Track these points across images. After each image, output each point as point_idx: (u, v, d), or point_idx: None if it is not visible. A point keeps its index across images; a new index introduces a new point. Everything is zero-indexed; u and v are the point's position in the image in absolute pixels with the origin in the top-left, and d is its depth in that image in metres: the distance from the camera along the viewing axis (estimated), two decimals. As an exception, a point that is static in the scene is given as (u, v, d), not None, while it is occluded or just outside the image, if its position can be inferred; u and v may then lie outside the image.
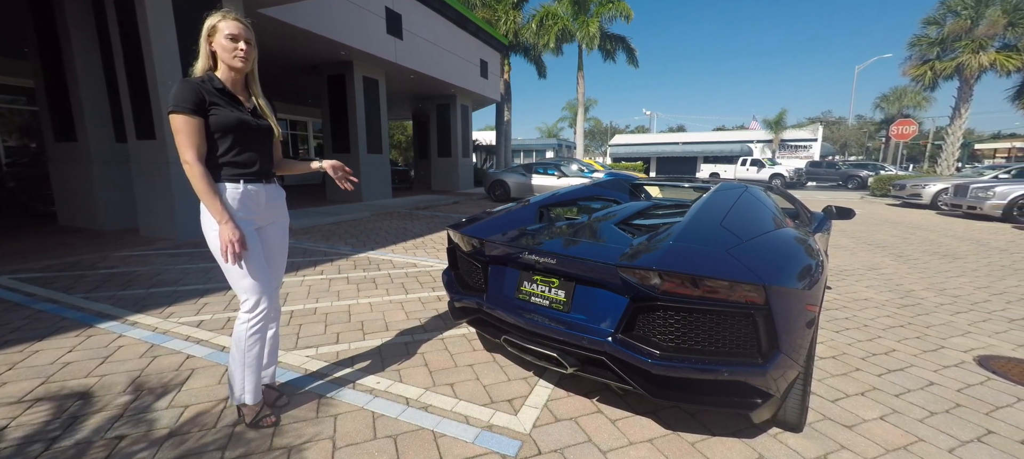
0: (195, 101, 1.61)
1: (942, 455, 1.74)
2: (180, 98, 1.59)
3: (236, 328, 1.77)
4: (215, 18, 1.68)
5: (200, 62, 1.69)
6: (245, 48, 1.69)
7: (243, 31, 1.69)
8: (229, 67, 1.70)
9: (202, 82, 1.65)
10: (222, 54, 1.68)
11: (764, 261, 1.61)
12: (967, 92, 17.61)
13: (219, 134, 1.68)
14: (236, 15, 1.68)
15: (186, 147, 1.61)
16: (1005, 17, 16.11)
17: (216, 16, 1.68)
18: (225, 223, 1.66)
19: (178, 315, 3.07)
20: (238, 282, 1.74)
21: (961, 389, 2.28)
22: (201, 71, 1.69)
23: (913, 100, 35.04)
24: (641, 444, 1.78)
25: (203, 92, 1.63)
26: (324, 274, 4.23)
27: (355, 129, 10.77)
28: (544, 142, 38.85)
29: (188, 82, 1.63)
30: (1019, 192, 9.63)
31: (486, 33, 15.34)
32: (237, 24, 1.67)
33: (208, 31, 1.67)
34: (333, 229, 6.81)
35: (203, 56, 1.69)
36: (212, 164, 1.68)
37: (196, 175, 1.62)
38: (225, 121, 1.67)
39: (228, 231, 1.65)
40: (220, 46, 1.67)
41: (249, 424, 1.83)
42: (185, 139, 1.61)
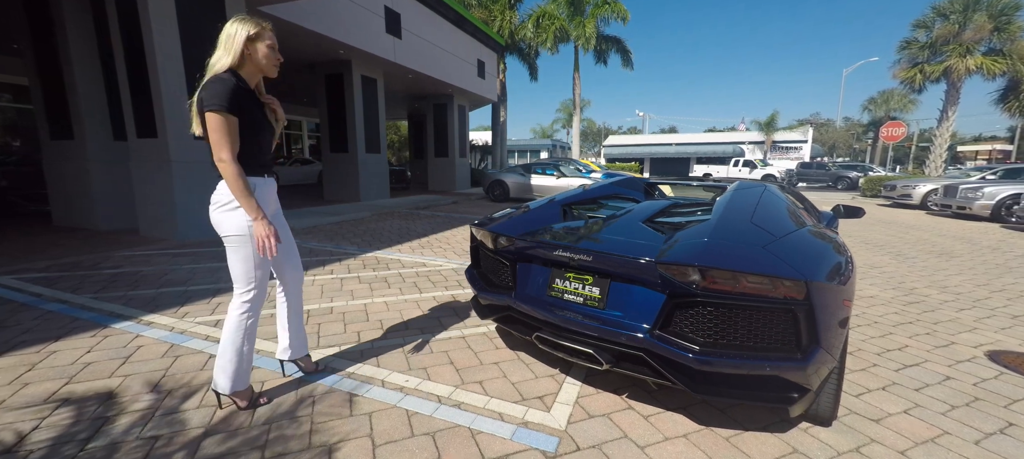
0: (232, 100, 1.65)
1: (969, 447, 1.78)
2: (221, 97, 1.62)
3: (231, 316, 1.82)
4: (255, 26, 1.73)
5: (227, 59, 1.70)
6: (280, 57, 1.82)
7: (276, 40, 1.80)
8: (263, 72, 1.81)
9: (234, 82, 1.67)
10: (261, 61, 1.76)
11: (803, 257, 1.64)
12: (954, 95, 18.00)
13: (248, 133, 1.74)
14: (268, 23, 1.78)
15: (223, 146, 1.64)
16: (991, 22, 16.52)
17: (253, 24, 1.73)
18: (260, 220, 1.73)
19: (193, 315, 3.03)
20: (247, 270, 1.79)
21: (977, 383, 2.34)
22: (224, 68, 1.70)
23: (900, 103, 35.75)
24: (676, 439, 1.80)
25: (238, 92, 1.67)
26: (334, 274, 4.20)
27: (353, 129, 10.70)
28: (538, 143, 38.93)
29: (223, 81, 1.65)
30: (1007, 193, 9.89)
31: (483, 33, 15.33)
32: (274, 35, 1.79)
33: (248, 35, 1.71)
34: (336, 229, 6.76)
35: (232, 54, 1.70)
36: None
37: (233, 173, 1.66)
38: (256, 121, 1.77)
39: (263, 227, 1.72)
40: (261, 53, 1.74)
41: (244, 409, 1.89)
42: (223, 137, 1.64)
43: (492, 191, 11.83)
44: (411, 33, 11.39)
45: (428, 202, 10.98)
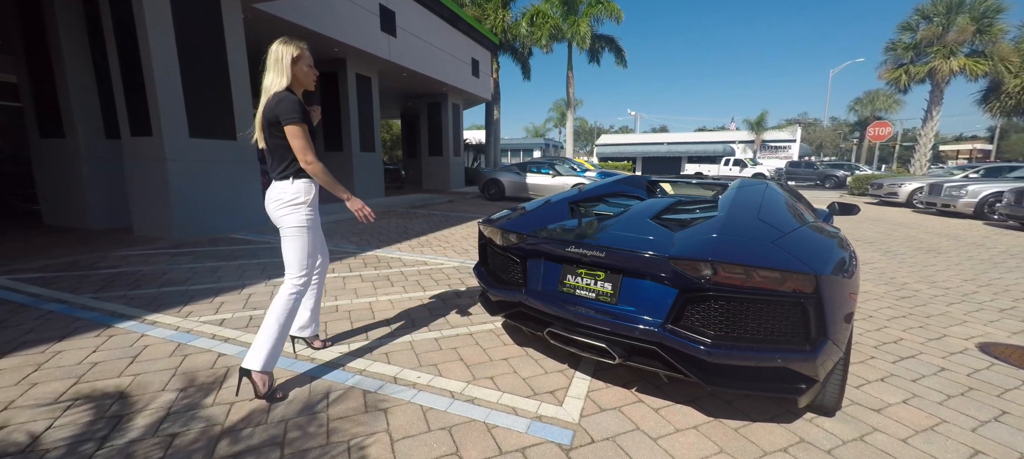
0: (304, 113, 1.96)
1: (966, 435, 1.86)
2: (297, 111, 1.93)
3: (280, 298, 2.01)
4: (296, 48, 2.00)
5: (281, 79, 1.97)
6: (317, 72, 2.12)
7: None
8: (305, 87, 2.09)
9: (297, 97, 1.98)
10: (302, 77, 2.04)
11: (811, 252, 1.70)
12: (938, 95, 18.41)
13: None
14: (305, 44, 2.06)
15: (308, 149, 1.97)
16: (973, 24, 16.92)
17: (295, 47, 2.00)
18: (352, 198, 2.15)
19: (197, 314, 3.01)
20: (301, 258, 2.06)
21: (970, 374, 2.42)
22: (282, 87, 1.97)
23: (885, 103, 36.45)
24: (687, 431, 1.84)
25: (302, 105, 1.97)
26: (335, 272, 4.19)
27: (348, 127, 10.64)
28: (531, 141, 39.02)
29: (293, 98, 1.95)
30: (989, 191, 10.15)
31: (477, 32, 15.32)
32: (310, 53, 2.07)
33: (293, 57, 1.98)
34: (333, 228, 6.73)
35: (284, 75, 1.97)
36: (290, 164, 2.00)
37: (322, 169, 2.01)
38: (311, 129, 2.06)
39: (358, 201, 2.17)
40: (302, 71, 2.02)
41: (262, 396, 1.97)
42: (305, 143, 1.96)
43: (488, 190, 11.84)
44: (406, 31, 11.35)
45: (424, 201, 10.97)
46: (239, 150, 6.23)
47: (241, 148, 6.25)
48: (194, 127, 5.65)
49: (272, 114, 1.93)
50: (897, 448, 1.75)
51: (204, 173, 5.80)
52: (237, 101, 6.18)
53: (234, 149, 6.17)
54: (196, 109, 5.66)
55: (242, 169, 6.32)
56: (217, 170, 5.96)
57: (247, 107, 6.34)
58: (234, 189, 6.20)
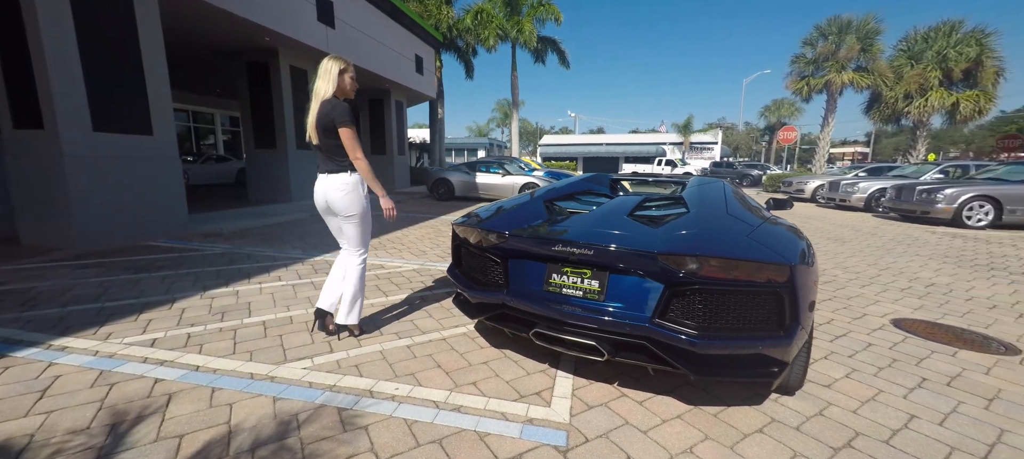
0: (354, 117, 2.33)
1: (901, 401, 2.11)
2: (350, 115, 2.32)
3: (354, 269, 2.52)
4: (343, 63, 2.38)
5: (329, 87, 2.34)
6: (357, 84, 2.50)
7: None
8: (346, 96, 2.44)
9: (347, 104, 2.36)
10: (347, 87, 2.42)
11: (782, 244, 1.83)
12: (833, 104, 21.03)
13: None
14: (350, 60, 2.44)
15: (359, 147, 2.35)
16: (859, 43, 19.54)
17: (342, 62, 2.38)
18: (386, 196, 2.51)
19: (120, 335, 2.60)
20: (365, 236, 2.56)
21: (891, 347, 2.76)
22: (329, 94, 2.34)
23: (789, 110, 40.99)
24: (673, 421, 1.91)
25: (352, 111, 2.34)
26: (283, 280, 3.84)
27: (282, 123, 9.85)
28: (475, 141, 38.84)
29: (344, 104, 2.34)
30: (875, 187, 11.78)
31: (421, 28, 14.92)
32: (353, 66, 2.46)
33: (340, 70, 2.36)
34: (273, 232, 6.18)
35: (332, 84, 2.34)
36: (345, 160, 2.37)
37: (366, 165, 2.40)
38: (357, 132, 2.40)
39: (390, 202, 2.54)
40: (346, 82, 2.41)
41: (358, 336, 2.64)
42: (358, 142, 2.35)
43: (437, 189, 11.57)
44: (345, 23, 10.75)
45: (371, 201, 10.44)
46: (158, 146, 5.51)
47: (160, 144, 5.53)
48: (99, 119, 4.90)
49: (327, 118, 2.30)
50: (851, 419, 1.94)
51: (113, 172, 5.05)
52: (154, 92, 5.46)
53: (151, 145, 5.45)
54: (101, 99, 4.91)
55: (161, 167, 5.59)
56: (130, 168, 5.22)
57: (166, 99, 5.63)
58: (151, 190, 5.47)
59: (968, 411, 2.02)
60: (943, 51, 18.62)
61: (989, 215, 8.34)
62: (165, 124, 5.65)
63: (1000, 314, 3.44)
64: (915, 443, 1.77)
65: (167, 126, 5.68)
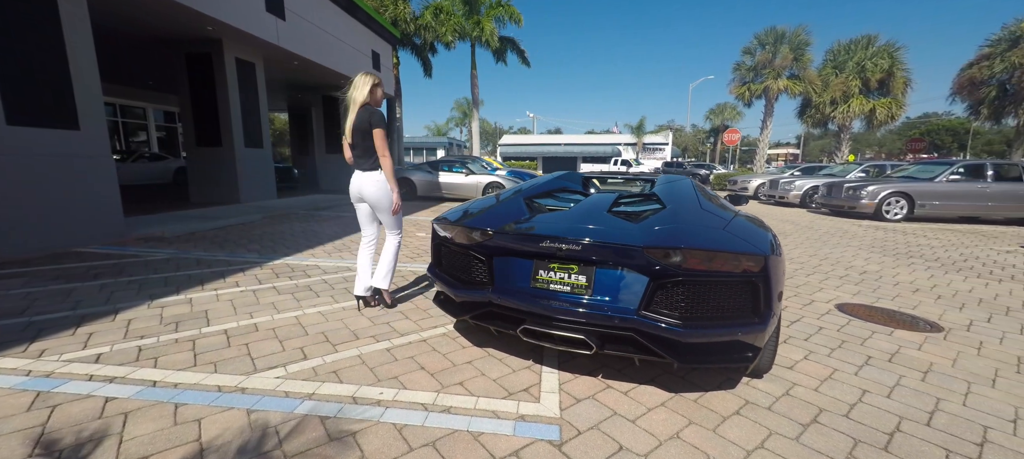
0: (387, 122, 2.79)
1: (853, 378, 2.31)
2: (384, 120, 2.85)
3: (392, 245, 3.07)
4: (376, 78, 2.85)
5: (364, 95, 2.81)
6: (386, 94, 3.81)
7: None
8: (377, 104, 2.88)
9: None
10: (378, 97, 2.87)
11: (756, 236, 1.95)
12: (770, 109, 22.69)
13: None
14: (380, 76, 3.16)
15: (387, 148, 2.86)
16: (792, 53, 21.21)
17: (375, 77, 2.85)
18: (396, 191, 2.99)
19: (56, 351, 2.33)
20: (399, 221, 3.08)
21: (839, 329, 3.03)
22: (363, 101, 2.82)
23: (731, 114, 43.70)
24: (658, 409, 1.98)
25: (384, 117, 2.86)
26: (241, 286, 3.60)
27: (228, 119, 9.21)
28: (434, 141, 38.25)
29: (381, 111, 2.88)
30: (809, 185, 12.86)
31: (378, 23, 14.46)
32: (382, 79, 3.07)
33: (374, 84, 2.83)
34: (222, 235, 5.77)
35: (366, 93, 2.81)
36: (374, 158, 2.88)
37: (390, 165, 2.90)
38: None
39: (399, 198, 3.01)
40: (379, 94, 2.88)
41: (390, 305, 3.15)
42: (387, 144, 2.84)
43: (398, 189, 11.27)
44: (297, 15, 10.21)
45: (327, 202, 10.01)
46: (86, 141, 4.97)
47: (89, 139, 4.99)
48: (13, 112, 4.34)
49: (366, 123, 2.79)
50: (814, 396, 2.11)
51: (33, 171, 4.51)
52: (80, 82, 4.92)
53: (78, 141, 4.91)
54: (15, 90, 4.36)
55: (90, 165, 5.05)
56: (54, 166, 4.68)
57: (95, 89, 5.09)
58: (80, 191, 4.93)
59: (908, 384, 2.26)
60: (862, 62, 20.62)
61: (904, 209, 9.34)
62: (94, 118, 5.11)
63: (922, 297, 3.86)
64: (870, 415, 1.95)
65: (97, 120, 5.14)
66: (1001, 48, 18.58)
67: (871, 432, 1.82)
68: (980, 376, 2.35)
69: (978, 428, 1.86)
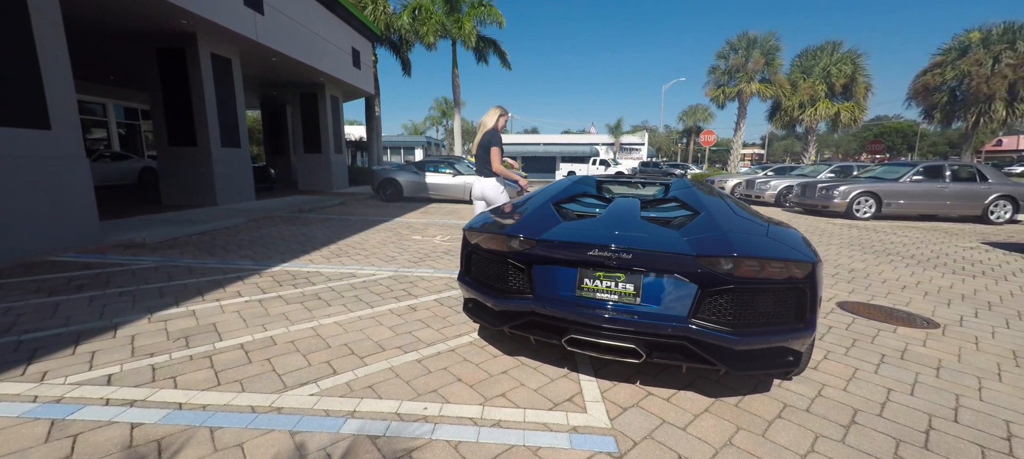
0: (501, 142, 3.82)
1: (875, 376, 2.41)
2: (500, 142, 3.80)
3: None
4: (503, 111, 3.82)
5: (492, 121, 3.78)
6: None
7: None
8: (501, 130, 3.83)
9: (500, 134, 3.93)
10: (501, 125, 3.82)
11: (801, 243, 2.00)
12: (743, 111, 23.53)
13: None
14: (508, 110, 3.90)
15: (499, 163, 3.77)
16: (763, 57, 22.05)
17: (503, 110, 3.83)
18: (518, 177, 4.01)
19: (59, 373, 2.14)
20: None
21: (847, 327, 3.15)
22: (492, 126, 3.78)
23: (703, 115, 45.06)
24: (703, 415, 2.00)
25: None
26: (244, 296, 3.42)
27: (204, 117, 8.77)
28: (412, 140, 37.67)
29: (499, 133, 3.81)
30: (783, 185, 13.41)
31: (358, 20, 14.10)
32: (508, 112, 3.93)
33: (500, 114, 3.81)
34: (208, 240, 5.48)
35: (494, 120, 3.79)
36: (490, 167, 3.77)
37: (500, 170, 3.78)
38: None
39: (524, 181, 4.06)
40: (502, 122, 3.82)
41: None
42: (499, 159, 3.77)
43: (383, 190, 11.03)
44: (276, 9, 9.83)
45: (310, 203, 9.68)
46: (58, 142, 4.62)
47: (60, 139, 4.64)
48: (-22, 109, 3.99)
49: (488, 142, 3.74)
50: (845, 397, 2.19)
51: (35, 171, 4.17)
52: (51, 80, 4.57)
53: (49, 141, 4.55)
54: (-20, 83, 4.00)
55: (62, 167, 4.70)
56: (23, 168, 4.32)
57: (67, 86, 4.74)
58: (52, 195, 4.58)
59: (926, 380, 2.37)
60: (827, 67, 21.67)
61: (872, 208, 9.85)
62: (67, 116, 4.76)
63: (911, 294, 4.07)
64: (902, 414, 2.04)
65: (69, 119, 4.79)
66: (952, 57, 19.92)
67: (908, 431, 1.90)
68: (986, 371, 2.50)
69: (1001, 423, 1.97)
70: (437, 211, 9.61)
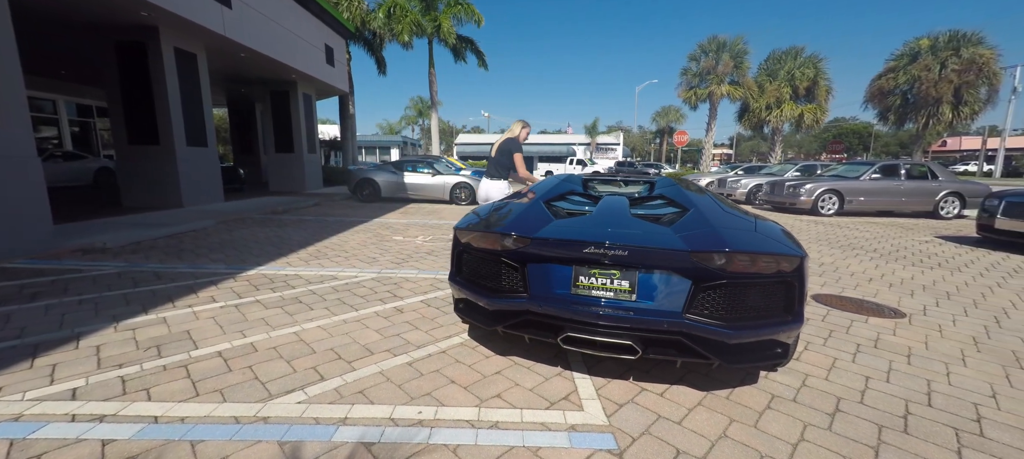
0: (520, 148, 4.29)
1: (853, 365, 2.51)
2: (521, 147, 4.26)
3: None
4: (526, 125, 4.31)
5: (515, 132, 4.28)
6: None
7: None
8: (522, 140, 4.31)
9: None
10: (522, 137, 4.28)
11: (787, 237, 2.05)
12: (714, 112, 24.27)
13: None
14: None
15: (524, 169, 4.24)
16: (732, 61, 22.81)
17: (525, 123, 4.31)
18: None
19: (16, 388, 1.97)
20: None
21: (823, 319, 3.28)
22: (511, 136, 4.27)
23: (675, 116, 46.22)
24: (697, 409, 2.03)
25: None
26: (219, 301, 3.26)
27: (168, 115, 8.34)
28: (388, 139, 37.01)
29: (521, 142, 4.28)
30: (753, 184, 13.93)
31: (331, 16, 13.72)
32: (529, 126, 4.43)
33: (523, 126, 4.29)
34: (176, 244, 5.20)
35: (517, 130, 4.28)
36: (504, 172, 4.30)
37: (527, 175, 4.23)
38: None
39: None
40: (525, 134, 4.29)
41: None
42: (523, 165, 4.24)
43: (360, 191, 10.77)
44: (244, 4, 9.45)
45: (284, 204, 9.34)
46: (6, 141, 4.28)
47: (9, 137, 4.30)
48: (-88, 103, 3.64)
49: (511, 148, 4.21)
50: (828, 386, 2.27)
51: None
52: (-3, 69, 4.23)
53: (-5, 139, 4.21)
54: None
55: (11, 168, 4.36)
56: (-37, 170, 3.98)
57: (16, 82, 4.40)
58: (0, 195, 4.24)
59: (899, 367, 2.49)
60: (791, 71, 22.61)
61: (835, 205, 10.34)
62: (16, 112, 4.42)
63: (877, 286, 4.28)
64: (881, 400, 2.13)
65: (18, 116, 4.45)
66: (903, 62, 21.15)
67: (889, 417, 1.98)
68: (951, 357, 2.64)
69: (970, 406, 2.09)
70: (417, 211, 9.47)
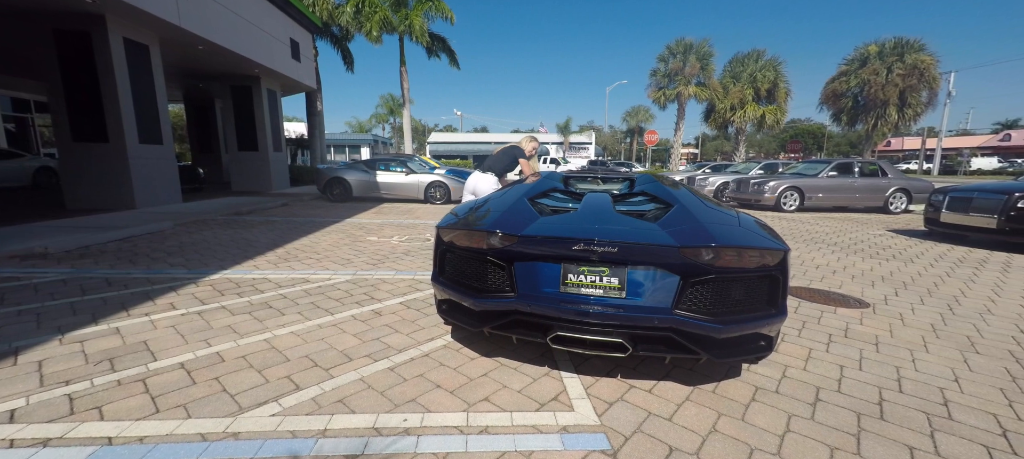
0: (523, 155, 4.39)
1: (827, 355, 2.60)
2: (525, 156, 4.32)
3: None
4: (534, 140, 4.44)
5: (528, 148, 4.37)
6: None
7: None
8: (527, 153, 4.38)
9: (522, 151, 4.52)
10: (527, 151, 4.35)
11: (769, 232, 2.08)
12: (682, 112, 24.99)
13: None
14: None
15: (531, 169, 4.25)
16: (699, 63, 23.54)
17: (533, 138, 4.46)
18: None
19: (-58, 416, 1.74)
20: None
21: (795, 310, 3.39)
22: (520, 146, 4.36)
23: (644, 116, 47.32)
24: (685, 404, 2.04)
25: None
26: (180, 309, 3.04)
27: (117, 111, 7.78)
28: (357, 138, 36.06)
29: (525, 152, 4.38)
30: (721, 181, 14.42)
31: (296, 8, 13.20)
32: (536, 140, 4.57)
33: (530, 140, 4.43)
34: (129, 248, 4.84)
35: (522, 147, 4.36)
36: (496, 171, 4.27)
37: (533, 172, 3.95)
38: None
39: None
40: (530, 149, 4.37)
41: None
42: (530, 167, 4.29)
43: (330, 190, 10.40)
44: (202, -8, 8.93)
45: (248, 205, 8.89)
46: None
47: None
48: None
49: (516, 154, 4.31)
50: (807, 376, 2.33)
51: None
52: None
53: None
54: None
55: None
56: None
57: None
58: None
59: (869, 356, 2.59)
60: (753, 73, 23.55)
61: (796, 201, 10.83)
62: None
63: (841, 277, 4.48)
64: (856, 388, 2.20)
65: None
66: (854, 66, 22.44)
67: (865, 404, 2.05)
68: (914, 344, 2.78)
69: (936, 391, 2.19)
70: (391, 211, 9.23)
